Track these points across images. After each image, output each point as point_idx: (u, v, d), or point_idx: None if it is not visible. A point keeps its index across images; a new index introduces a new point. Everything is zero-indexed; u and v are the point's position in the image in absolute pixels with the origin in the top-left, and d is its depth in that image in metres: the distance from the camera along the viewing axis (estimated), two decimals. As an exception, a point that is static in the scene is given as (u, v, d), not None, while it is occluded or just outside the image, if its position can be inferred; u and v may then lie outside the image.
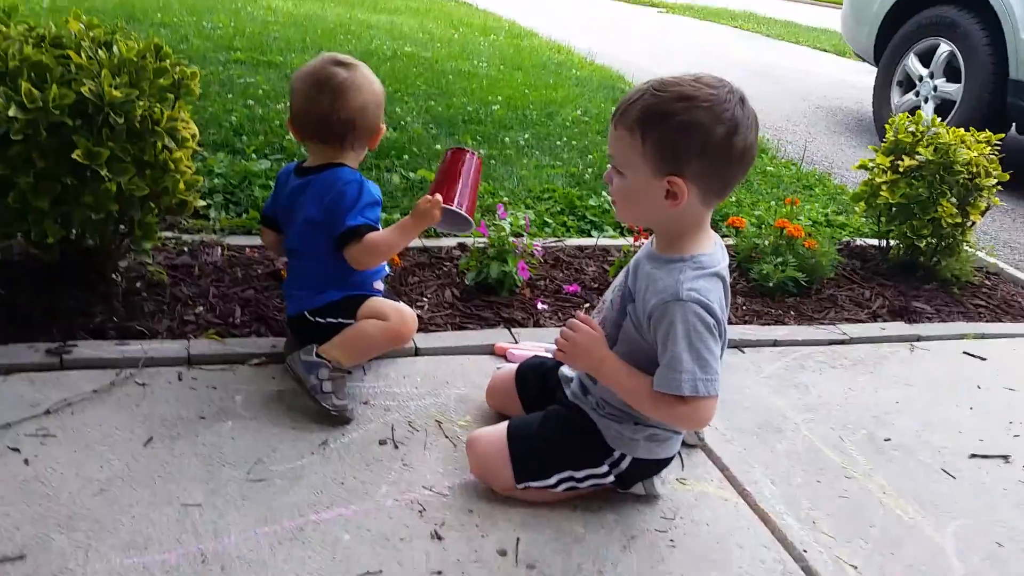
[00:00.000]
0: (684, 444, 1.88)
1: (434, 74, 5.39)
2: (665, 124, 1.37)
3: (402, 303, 1.95)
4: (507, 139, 4.18)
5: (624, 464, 1.62)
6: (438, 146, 3.83)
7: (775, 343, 2.48)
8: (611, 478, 1.63)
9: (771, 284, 2.81)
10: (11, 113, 1.70)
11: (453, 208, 1.84)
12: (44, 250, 2.00)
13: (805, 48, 11.39)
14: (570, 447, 1.63)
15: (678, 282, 1.44)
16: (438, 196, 1.83)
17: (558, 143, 4.27)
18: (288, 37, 5.82)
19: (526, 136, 4.29)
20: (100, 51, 1.92)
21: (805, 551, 1.61)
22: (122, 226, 2.08)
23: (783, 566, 1.57)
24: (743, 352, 2.40)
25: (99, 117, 1.83)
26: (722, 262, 1.51)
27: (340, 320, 1.87)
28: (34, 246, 2.03)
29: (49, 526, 1.39)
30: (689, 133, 1.36)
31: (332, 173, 1.85)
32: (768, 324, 2.62)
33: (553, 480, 1.61)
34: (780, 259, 2.89)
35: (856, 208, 3.34)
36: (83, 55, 1.86)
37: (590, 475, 1.63)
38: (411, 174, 3.37)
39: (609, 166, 1.50)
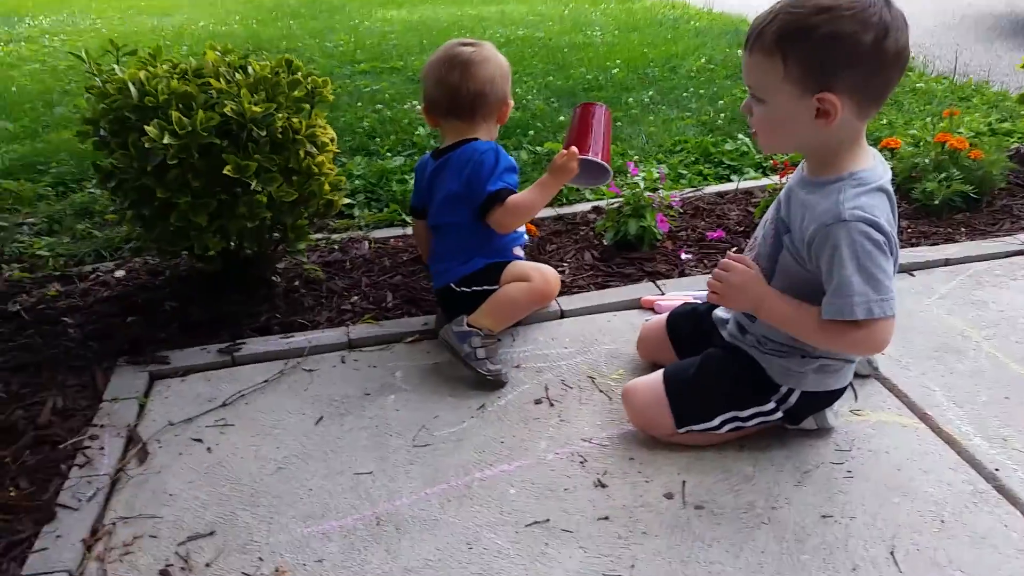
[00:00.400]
0: (856, 375, 1.77)
1: (549, 51, 5.38)
2: (808, 40, 1.28)
3: (545, 265, 1.97)
4: (630, 99, 4.10)
5: (793, 399, 1.54)
6: (561, 118, 3.82)
7: (947, 262, 2.28)
8: (779, 414, 1.55)
9: (937, 202, 2.59)
10: (166, 141, 1.85)
11: (589, 157, 1.87)
12: (207, 262, 2.17)
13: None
14: (732, 387, 1.57)
15: (838, 203, 1.34)
16: (573, 148, 1.88)
17: (684, 94, 4.15)
18: (406, 43, 6.00)
19: (650, 93, 4.20)
20: (237, 74, 2.06)
21: (997, 470, 1.48)
22: (276, 233, 2.22)
23: (973, 487, 1.45)
24: (913, 276, 2.23)
25: (243, 134, 1.95)
26: (884, 176, 1.40)
27: (485, 288, 1.92)
28: (198, 259, 2.21)
29: (234, 504, 1.50)
30: (836, 45, 1.27)
31: (468, 147, 1.92)
32: (938, 244, 2.41)
33: (716, 422, 1.56)
34: (944, 175, 2.65)
35: (1023, 111, 3.01)
36: (222, 80, 2.00)
37: (756, 413, 1.56)
38: (538, 148, 3.38)
39: (748, 97, 1.41)
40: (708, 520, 1.40)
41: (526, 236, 2.14)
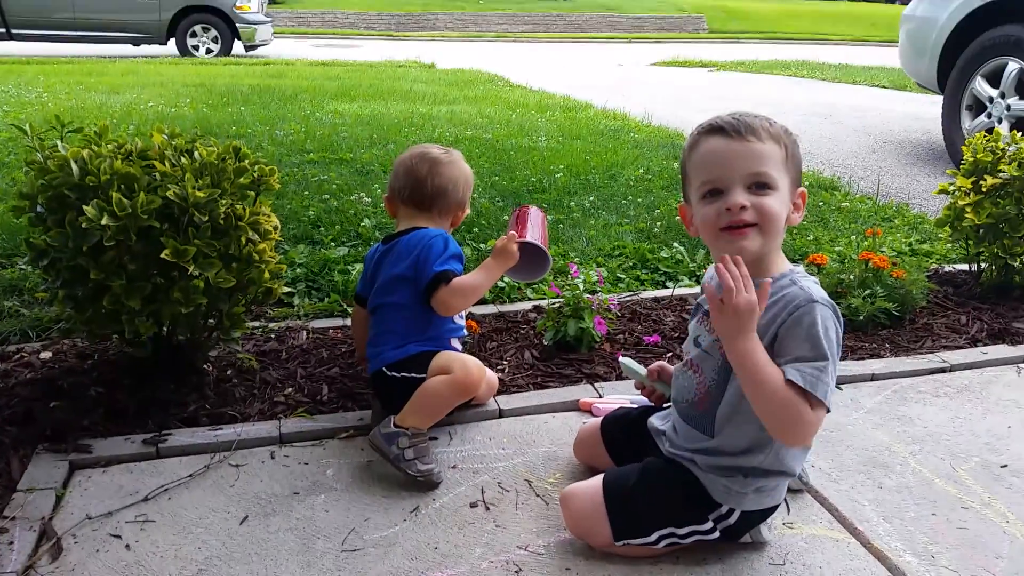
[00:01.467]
0: (788, 488, 1.79)
1: (496, 152, 5.54)
2: (793, 140, 1.48)
3: (469, 356, 1.97)
4: (572, 203, 4.23)
5: (733, 518, 1.53)
6: (504, 217, 3.89)
7: (873, 377, 2.37)
8: (716, 533, 1.55)
9: (862, 317, 2.71)
10: (104, 222, 1.82)
11: (529, 240, 1.98)
12: (137, 347, 2.10)
13: (863, 87, 11.23)
14: (671, 503, 1.55)
15: (804, 288, 1.42)
16: (513, 232, 1.99)
17: (623, 202, 4.29)
18: (356, 135, 6.10)
19: (591, 199, 4.33)
20: (183, 158, 2.05)
21: (930, 588, 1.50)
22: (211, 319, 2.18)
23: (908, 606, 1.46)
24: (840, 389, 2.30)
25: (184, 218, 1.94)
26: None
27: (414, 375, 1.90)
28: (128, 344, 2.14)
29: (155, 609, 1.41)
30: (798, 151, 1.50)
31: (418, 232, 2.01)
32: (863, 358, 2.51)
33: (654, 537, 1.54)
34: (868, 291, 2.79)
35: (941, 234, 3.22)
36: (167, 163, 1.99)
37: (693, 531, 1.55)
38: (482, 245, 3.43)
39: (734, 193, 1.42)
40: (643, 636, 1.37)
41: (465, 331, 2.15)
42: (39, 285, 2.79)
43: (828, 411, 1.38)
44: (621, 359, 1.90)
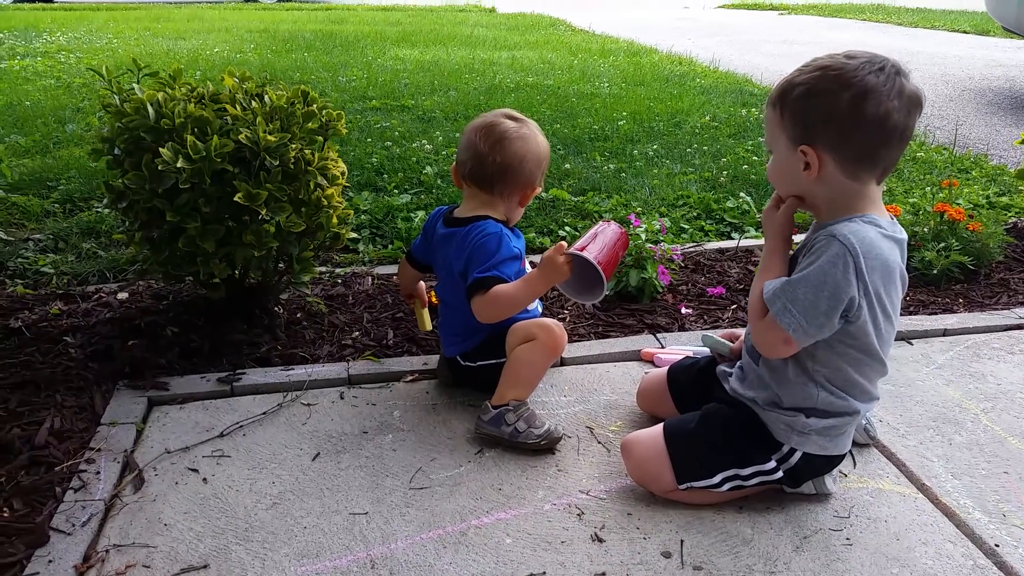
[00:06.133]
0: (855, 443, 1.77)
1: (557, 99, 5.47)
2: (795, 94, 1.39)
3: (544, 318, 1.90)
4: (635, 152, 4.16)
5: (794, 459, 1.53)
6: (567, 165, 3.86)
7: (945, 332, 2.31)
8: (779, 474, 1.55)
9: (935, 271, 2.63)
10: (179, 165, 1.86)
11: (580, 253, 1.65)
12: (211, 289, 2.17)
13: (942, 32, 10.69)
14: (733, 444, 1.56)
15: (843, 225, 1.39)
16: (563, 243, 1.73)
17: (688, 150, 4.21)
18: (417, 82, 6.09)
19: (654, 147, 4.26)
20: (253, 102, 2.08)
21: (997, 546, 1.48)
22: (281, 263, 2.23)
23: (972, 562, 1.45)
24: (911, 344, 2.25)
25: (256, 162, 1.97)
26: (900, 234, 1.45)
27: (492, 361, 1.87)
28: (202, 286, 2.21)
29: (228, 538, 1.48)
30: (813, 100, 1.37)
31: (475, 226, 1.82)
32: (936, 313, 2.44)
33: (717, 479, 1.55)
34: (943, 245, 2.69)
35: (1021, 186, 3.07)
36: (238, 107, 2.02)
37: (757, 472, 1.55)
38: (543, 195, 3.41)
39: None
40: (705, 581, 1.39)
41: (540, 310, 2.03)
42: (114, 227, 2.90)
43: (788, 332, 1.40)
44: (703, 336, 1.86)
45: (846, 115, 1.35)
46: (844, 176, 1.40)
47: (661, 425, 1.64)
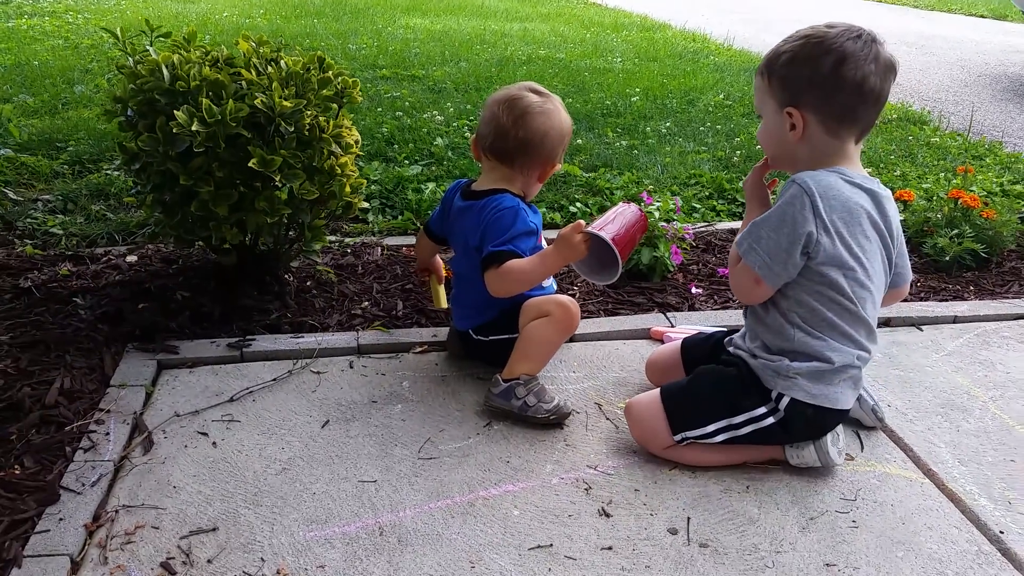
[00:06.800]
0: (862, 426, 1.78)
1: (569, 73, 5.41)
2: (781, 61, 1.52)
3: (557, 294, 1.90)
4: (648, 128, 4.13)
5: (783, 405, 1.56)
6: (579, 141, 3.84)
7: (955, 319, 2.30)
8: (770, 419, 1.57)
9: (947, 258, 2.62)
10: (194, 128, 1.85)
11: (600, 235, 1.65)
12: (222, 254, 2.16)
13: (960, 16, 10.56)
14: (725, 390, 1.62)
15: (805, 173, 1.50)
16: (580, 221, 1.73)
17: (701, 128, 4.18)
18: (428, 51, 6.03)
19: (667, 124, 4.22)
20: (269, 67, 2.06)
21: (1001, 532, 1.48)
22: (292, 231, 2.22)
23: (977, 547, 1.45)
24: (921, 330, 2.24)
25: (270, 127, 1.96)
26: (872, 185, 1.54)
27: (504, 336, 1.85)
28: (213, 250, 2.21)
29: (237, 502, 1.49)
30: (797, 66, 1.50)
31: (492, 199, 1.81)
32: (947, 300, 2.43)
33: (711, 428, 1.59)
34: (956, 231, 2.68)
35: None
36: (253, 71, 2.00)
37: (748, 420, 1.59)
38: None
39: None
40: (712, 559, 1.40)
41: (555, 287, 2.02)
42: (124, 189, 2.89)
43: (755, 270, 1.52)
44: None
45: (828, 78, 1.47)
46: (826, 134, 1.51)
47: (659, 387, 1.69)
